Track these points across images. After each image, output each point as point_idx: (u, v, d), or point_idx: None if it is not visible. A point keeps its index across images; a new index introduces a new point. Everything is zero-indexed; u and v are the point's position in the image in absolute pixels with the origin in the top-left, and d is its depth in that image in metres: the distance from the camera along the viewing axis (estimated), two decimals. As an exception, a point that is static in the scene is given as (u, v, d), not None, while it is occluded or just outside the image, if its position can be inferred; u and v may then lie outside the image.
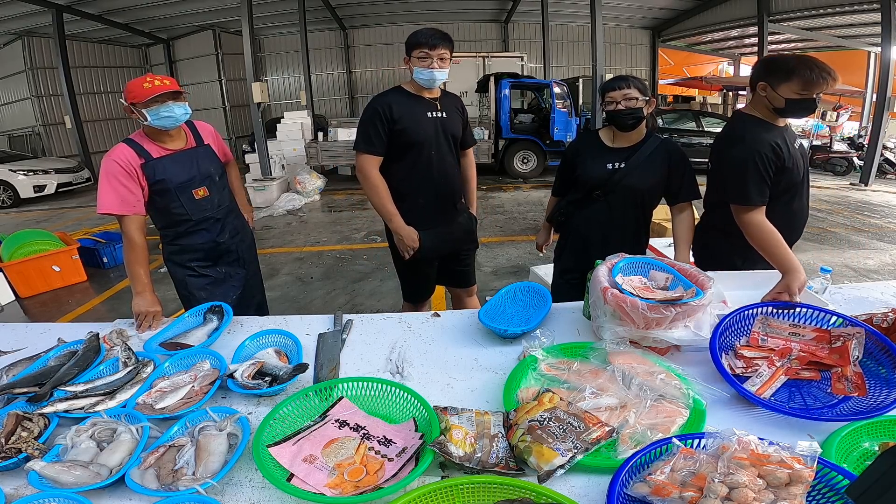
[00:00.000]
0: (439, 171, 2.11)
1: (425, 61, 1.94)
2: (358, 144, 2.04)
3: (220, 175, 1.95)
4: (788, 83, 1.56)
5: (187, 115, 1.76)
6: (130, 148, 1.71)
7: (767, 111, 1.68)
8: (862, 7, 10.14)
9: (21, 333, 1.58)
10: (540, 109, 10.04)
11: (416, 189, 2.11)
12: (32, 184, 9.34)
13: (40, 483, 0.90)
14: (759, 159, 1.63)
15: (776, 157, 1.64)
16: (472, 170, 2.36)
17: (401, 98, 2.03)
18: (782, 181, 1.68)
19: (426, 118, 2.05)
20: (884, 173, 9.76)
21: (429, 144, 2.06)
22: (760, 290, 1.67)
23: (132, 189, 1.70)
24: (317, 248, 5.69)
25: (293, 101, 14.65)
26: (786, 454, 0.79)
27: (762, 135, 1.65)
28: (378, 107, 1.99)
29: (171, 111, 1.69)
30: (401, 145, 2.04)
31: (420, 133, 2.03)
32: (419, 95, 2.06)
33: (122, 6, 11.00)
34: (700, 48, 16.95)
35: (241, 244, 2.06)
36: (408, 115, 2.01)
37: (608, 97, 1.81)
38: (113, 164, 1.67)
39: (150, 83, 1.66)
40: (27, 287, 4.45)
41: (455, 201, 2.24)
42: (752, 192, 1.63)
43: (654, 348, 1.28)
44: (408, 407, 1.10)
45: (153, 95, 1.64)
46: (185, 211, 1.83)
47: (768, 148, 1.63)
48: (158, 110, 1.67)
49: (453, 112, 2.15)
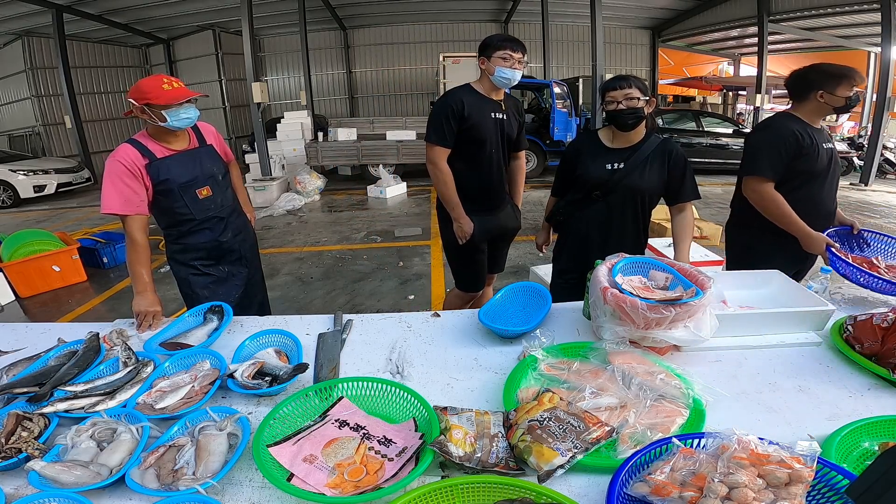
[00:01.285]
0: (493, 167, 2.26)
1: (508, 62, 2.06)
2: (430, 136, 2.18)
3: (222, 175, 1.96)
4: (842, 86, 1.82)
5: (198, 117, 1.80)
6: (135, 148, 1.72)
7: (810, 114, 1.91)
8: (862, 7, 10.13)
9: (21, 333, 1.58)
10: (540, 109, 10.03)
11: (471, 181, 2.25)
12: (32, 184, 9.33)
13: (40, 483, 0.90)
14: (777, 140, 1.87)
15: (795, 143, 1.85)
16: (521, 173, 2.50)
17: (472, 97, 2.16)
18: (798, 166, 1.87)
19: (491, 118, 2.18)
20: (884, 173, 9.76)
21: (490, 143, 2.20)
22: (760, 290, 1.67)
23: (136, 189, 1.71)
24: (317, 248, 5.69)
25: (293, 101, 14.63)
26: (786, 454, 0.79)
27: (788, 123, 1.89)
28: (452, 103, 2.12)
29: (189, 113, 1.73)
30: (466, 140, 2.17)
31: (485, 132, 2.17)
32: (487, 96, 2.18)
33: (122, 6, 10.99)
34: (700, 48, 16.94)
35: (244, 243, 2.07)
36: (477, 113, 2.14)
37: (609, 97, 1.81)
38: (117, 164, 1.68)
39: (170, 85, 1.70)
40: (27, 287, 4.45)
41: (503, 195, 2.38)
42: (764, 164, 1.88)
43: (653, 348, 1.29)
44: (408, 407, 1.10)
45: (179, 100, 1.68)
46: (188, 210, 1.84)
47: (789, 132, 1.86)
48: (178, 112, 1.70)
49: (512, 114, 2.29)
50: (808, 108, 1.91)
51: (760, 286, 1.67)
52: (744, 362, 1.30)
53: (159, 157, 1.75)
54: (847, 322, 1.33)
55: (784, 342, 1.37)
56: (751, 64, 15.07)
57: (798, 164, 1.87)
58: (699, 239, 4.95)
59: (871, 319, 1.28)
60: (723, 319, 1.31)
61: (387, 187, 8.32)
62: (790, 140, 1.85)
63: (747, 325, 1.39)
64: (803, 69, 1.95)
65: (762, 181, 1.89)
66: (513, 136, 2.30)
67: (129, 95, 1.70)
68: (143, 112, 1.70)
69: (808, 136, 1.87)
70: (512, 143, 2.32)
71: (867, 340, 1.24)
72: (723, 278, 1.62)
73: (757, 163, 1.90)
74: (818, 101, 1.87)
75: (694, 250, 3.37)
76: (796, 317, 1.40)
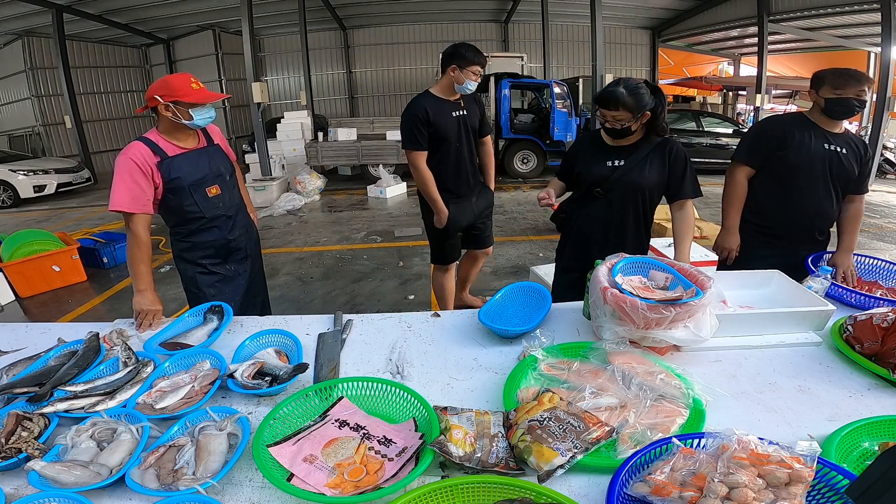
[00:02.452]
0: (462, 158, 2.64)
1: (475, 76, 2.46)
2: (406, 144, 2.55)
3: (230, 174, 1.99)
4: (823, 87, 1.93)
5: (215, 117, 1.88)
6: (147, 146, 1.72)
7: (817, 115, 2.01)
8: (862, 7, 10.13)
9: (21, 333, 1.58)
10: (540, 109, 10.02)
11: (444, 173, 2.62)
12: (32, 184, 9.32)
13: (40, 483, 0.90)
14: (763, 129, 2.10)
15: (780, 136, 2.00)
16: (489, 156, 2.94)
17: (432, 102, 2.50)
18: (785, 159, 2.01)
19: (452, 117, 2.53)
20: (884, 173, 9.76)
21: (455, 138, 2.56)
22: (760, 290, 1.67)
23: (145, 188, 1.71)
24: (317, 248, 5.69)
25: (293, 101, 14.63)
26: (785, 454, 0.79)
27: (785, 120, 2.07)
28: (417, 112, 2.47)
29: (211, 113, 1.80)
30: (435, 140, 2.52)
31: (448, 130, 2.52)
32: (446, 98, 2.53)
33: (122, 6, 10.99)
34: (700, 48, 16.94)
35: (249, 241, 2.09)
36: (439, 116, 2.48)
37: (600, 112, 1.81)
38: (129, 161, 1.68)
39: (198, 84, 1.76)
40: (27, 287, 4.45)
41: (474, 180, 2.78)
42: (742, 150, 2.12)
43: (653, 348, 1.29)
44: (408, 407, 1.10)
45: (209, 100, 1.74)
46: (198, 209, 1.85)
47: (776, 126, 2.05)
48: (203, 110, 1.76)
49: (472, 106, 2.64)
50: (813, 108, 2.04)
51: (760, 286, 1.67)
52: (744, 362, 1.30)
53: (171, 155, 1.76)
54: (847, 322, 1.33)
55: (784, 342, 1.37)
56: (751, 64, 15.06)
57: (783, 157, 2.01)
58: (699, 239, 4.95)
59: (871, 319, 1.28)
60: (723, 319, 1.32)
61: (387, 187, 8.32)
62: (776, 132, 2.03)
63: (747, 325, 1.39)
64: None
65: (736, 163, 2.13)
66: (475, 126, 2.66)
67: (154, 92, 1.69)
68: (166, 109, 1.70)
69: (803, 134, 1.98)
70: (477, 132, 2.69)
71: (867, 340, 1.24)
72: (723, 278, 1.62)
73: (738, 148, 2.15)
74: (814, 100, 2.00)
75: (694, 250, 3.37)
76: (796, 317, 1.40)
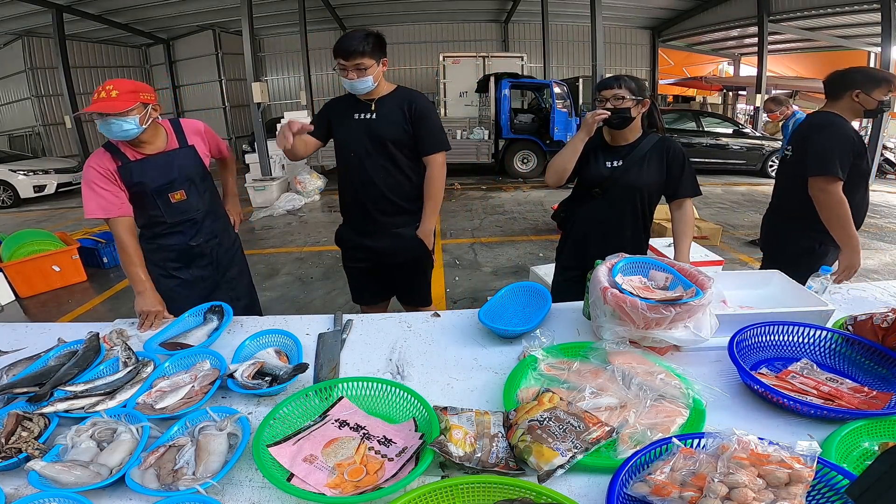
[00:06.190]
0: (361, 174, 1.98)
1: (343, 72, 1.85)
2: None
3: (201, 177, 1.90)
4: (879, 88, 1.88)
5: (136, 131, 1.63)
6: (107, 151, 1.71)
7: (845, 112, 1.94)
8: (862, 7, 10.14)
9: (21, 333, 1.58)
10: (540, 109, 10.03)
11: (343, 188, 2.13)
12: (32, 184, 9.34)
13: (40, 483, 0.90)
14: (846, 140, 1.89)
15: (858, 142, 1.90)
16: (432, 183, 2.03)
17: (344, 98, 2.04)
18: (859, 166, 1.91)
19: (352, 119, 1.95)
20: (884, 173, 9.76)
21: (350, 145, 1.98)
22: (760, 290, 1.67)
23: (114, 192, 1.69)
24: (317, 248, 5.69)
25: (293, 101, 14.65)
26: (786, 454, 0.79)
27: (846, 124, 1.94)
28: (327, 103, 2.09)
29: (124, 125, 1.60)
30: (335, 142, 2.04)
31: (342, 132, 1.99)
32: (359, 97, 1.96)
33: (122, 6, 11.01)
34: (700, 48, 16.95)
35: (219, 248, 2.00)
36: (337, 113, 2.02)
37: (600, 95, 1.83)
38: (90, 169, 1.68)
39: (98, 93, 1.58)
40: (27, 287, 4.45)
41: (381, 211, 2.04)
42: (836, 165, 1.85)
43: (653, 348, 1.29)
44: (408, 407, 1.10)
45: (89, 111, 1.56)
46: (160, 213, 1.82)
47: (853, 132, 1.91)
48: (110, 121, 1.58)
49: (395, 114, 1.94)
50: (841, 106, 1.95)
51: (760, 286, 1.67)
52: (744, 362, 1.30)
53: (132, 160, 1.72)
54: (847, 322, 1.33)
55: (784, 342, 1.36)
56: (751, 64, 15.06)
57: (859, 165, 1.90)
58: (699, 239, 4.96)
59: (871, 319, 1.28)
60: (723, 319, 1.31)
61: (387, 187, 8.31)
62: (854, 139, 1.89)
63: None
64: (846, 69, 2.00)
65: (834, 181, 1.85)
66: (392, 139, 1.93)
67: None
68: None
69: (859, 136, 1.92)
70: (398, 147, 1.96)
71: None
72: (723, 278, 1.62)
73: (829, 163, 1.85)
74: (853, 101, 1.92)
75: (694, 250, 3.37)
76: (796, 317, 1.40)
